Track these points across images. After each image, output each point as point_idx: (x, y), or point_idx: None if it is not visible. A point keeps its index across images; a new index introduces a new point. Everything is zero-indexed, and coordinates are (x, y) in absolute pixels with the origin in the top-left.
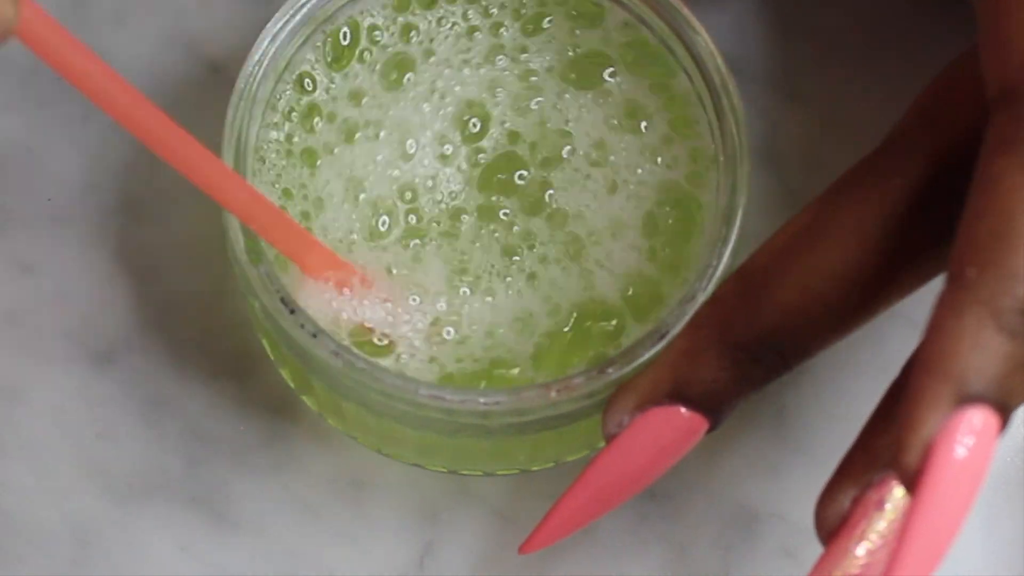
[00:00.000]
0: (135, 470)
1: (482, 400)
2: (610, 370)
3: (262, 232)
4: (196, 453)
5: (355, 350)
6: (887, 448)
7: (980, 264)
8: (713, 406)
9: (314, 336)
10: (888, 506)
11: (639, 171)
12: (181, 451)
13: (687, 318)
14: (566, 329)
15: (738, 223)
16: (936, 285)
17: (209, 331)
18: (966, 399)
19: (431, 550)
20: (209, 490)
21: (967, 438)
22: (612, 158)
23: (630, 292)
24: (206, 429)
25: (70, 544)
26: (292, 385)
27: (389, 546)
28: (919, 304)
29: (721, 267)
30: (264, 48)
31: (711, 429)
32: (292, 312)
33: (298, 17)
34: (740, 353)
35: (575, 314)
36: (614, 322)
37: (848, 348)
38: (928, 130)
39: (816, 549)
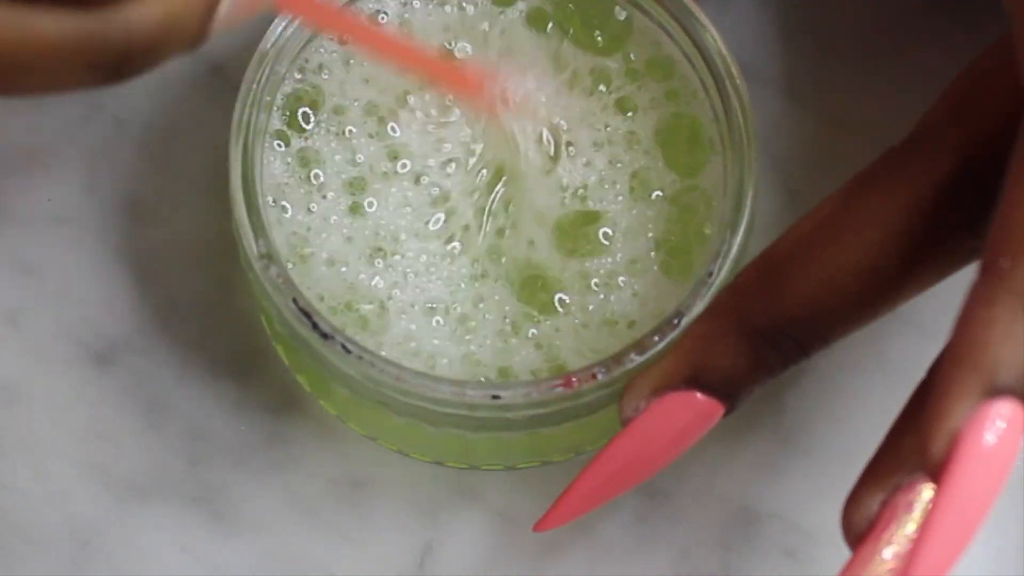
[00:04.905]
0: (135, 470)
1: (503, 394)
2: (628, 359)
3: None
4: (196, 453)
5: (370, 348)
6: (914, 450)
7: (1014, 254)
8: (730, 392)
9: (328, 336)
10: (916, 509)
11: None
12: (181, 451)
13: (701, 305)
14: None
15: (748, 208)
16: (943, 287)
17: (209, 331)
18: (994, 391)
19: (431, 550)
20: (209, 490)
21: (994, 430)
22: (613, 146)
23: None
24: (206, 429)
25: (70, 544)
26: (309, 389)
27: (389, 546)
28: (922, 306)
29: (732, 252)
30: (270, 47)
31: (727, 413)
32: (306, 315)
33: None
34: (758, 340)
35: None
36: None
37: (849, 348)
38: (956, 123)
39: (816, 549)
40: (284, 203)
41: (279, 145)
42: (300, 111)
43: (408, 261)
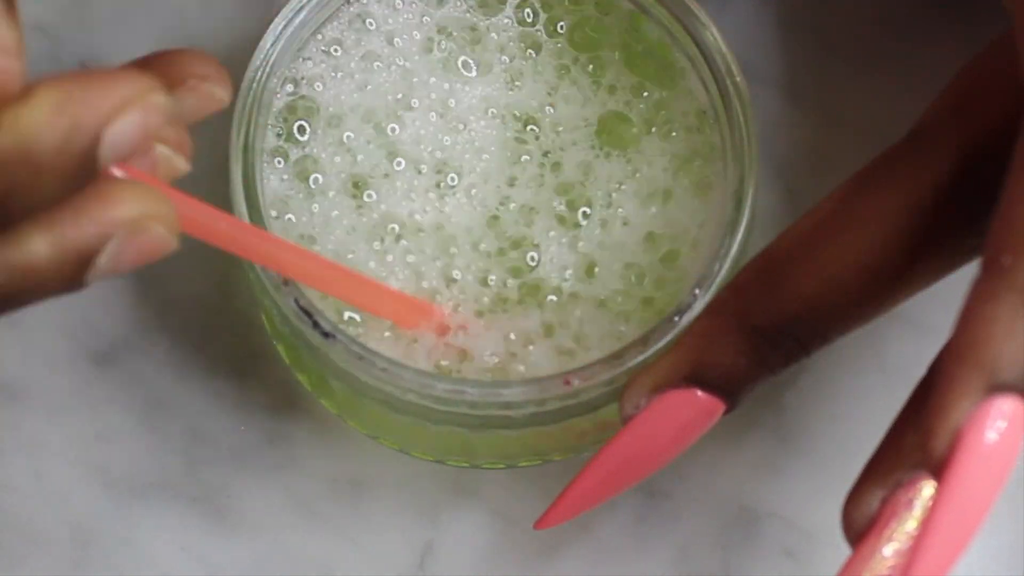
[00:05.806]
0: (135, 470)
1: (504, 392)
2: (628, 357)
3: (349, 300)
4: (196, 453)
5: (373, 348)
6: (915, 447)
7: (1015, 251)
8: (730, 389)
9: (329, 335)
10: (917, 506)
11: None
12: (181, 451)
13: (702, 303)
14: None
15: (748, 208)
16: (943, 287)
17: (209, 331)
18: (996, 388)
19: (431, 550)
20: (209, 490)
21: (995, 428)
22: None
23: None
24: (206, 429)
25: (70, 544)
26: (309, 389)
27: (389, 546)
28: (921, 305)
29: (732, 252)
30: (267, 49)
31: (728, 411)
32: (307, 314)
33: (301, 15)
34: (759, 338)
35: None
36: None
37: (848, 348)
38: (956, 121)
39: (816, 549)
40: (289, 216)
41: (279, 163)
42: (296, 124)
43: (415, 240)
